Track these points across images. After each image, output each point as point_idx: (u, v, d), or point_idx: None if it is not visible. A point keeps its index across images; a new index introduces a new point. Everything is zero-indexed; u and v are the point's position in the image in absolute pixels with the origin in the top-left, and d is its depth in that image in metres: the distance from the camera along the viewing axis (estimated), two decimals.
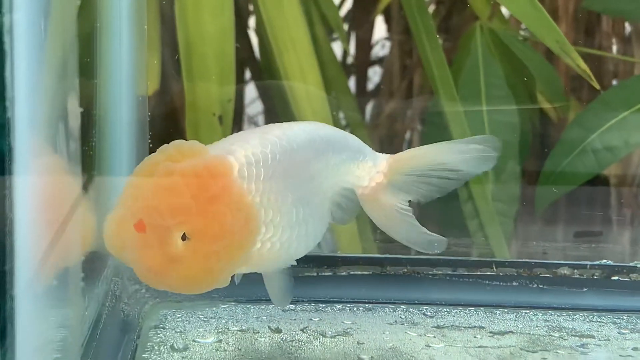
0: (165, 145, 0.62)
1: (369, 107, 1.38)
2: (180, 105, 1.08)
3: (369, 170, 0.69)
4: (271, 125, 0.68)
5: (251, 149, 0.63)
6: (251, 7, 1.22)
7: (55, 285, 0.56)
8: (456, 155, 0.69)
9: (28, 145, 0.48)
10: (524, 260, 0.81)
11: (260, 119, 1.37)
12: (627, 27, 1.18)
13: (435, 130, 1.16)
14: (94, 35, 0.78)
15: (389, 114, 1.35)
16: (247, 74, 1.28)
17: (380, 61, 1.40)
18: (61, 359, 0.58)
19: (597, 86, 1.03)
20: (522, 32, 1.15)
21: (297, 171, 0.66)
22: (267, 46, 1.08)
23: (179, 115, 1.08)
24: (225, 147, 0.63)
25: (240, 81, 1.25)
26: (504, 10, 1.12)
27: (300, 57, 1.07)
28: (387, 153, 0.73)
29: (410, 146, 1.31)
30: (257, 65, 1.25)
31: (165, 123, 1.08)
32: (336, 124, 1.14)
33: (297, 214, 0.65)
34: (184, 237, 0.59)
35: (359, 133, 1.20)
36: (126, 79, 0.83)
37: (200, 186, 0.60)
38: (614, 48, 1.18)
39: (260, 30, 1.17)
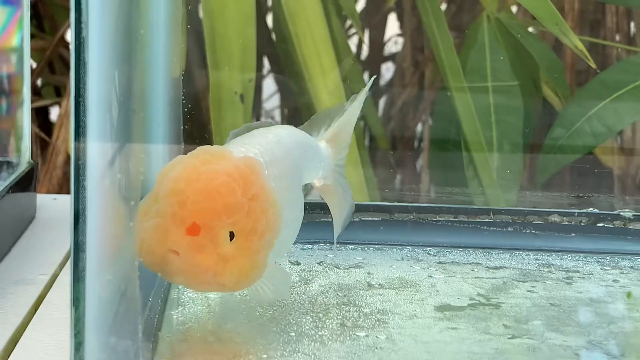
0: (195, 150, 0.64)
1: (382, 101, 1.47)
2: (204, 85, 1.17)
3: (325, 166, 0.77)
4: (259, 130, 0.72)
5: (261, 150, 0.67)
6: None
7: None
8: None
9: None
10: (518, 208, 0.90)
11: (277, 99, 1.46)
12: (631, 23, 1.27)
13: (444, 117, 1.24)
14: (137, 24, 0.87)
15: (401, 107, 1.44)
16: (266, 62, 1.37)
17: (392, 57, 1.49)
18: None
19: (594, 65, 1.12)
20: (530, 29, 1.23)
21: (292, 171, 0.71)
22: (285, 33, 1.17)
23: (203, 94, 1.18)
24: (239, 149, 0.66)
25: (260, 66, 1.35)
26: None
27: (317, 42, 1.16)
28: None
29: (422, 138, 1.40)
30: (275, 52, 1.34)
31: (191, 102, 1.16)
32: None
33: (292, 211, 0.69)
34: (231, 236, 0.61)
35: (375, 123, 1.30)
36: (163, 62, 0.91)
37: (245, 185, 0.62)
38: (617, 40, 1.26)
39: (278, 18, 1.27)
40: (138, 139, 0.66)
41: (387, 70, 1.52)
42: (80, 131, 0.51)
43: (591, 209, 0.89)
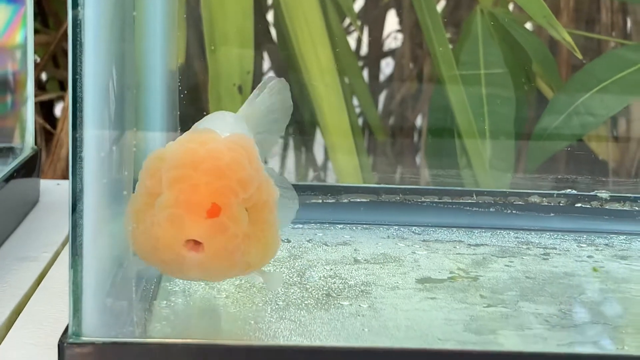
0: (182, 137, 0.62)
1: (382, 96, 1.51)
2: (203, 77, 1.21)
3: None
4: (212, 116, 0.71)
5: (231, 131, 0.65)
6: None
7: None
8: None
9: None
10: (500, 190, 0.94)
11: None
12: (625, 18, 1.30)
13: (440, 110, 1.28)
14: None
15: (400, 101, 1.48)
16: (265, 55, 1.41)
17: (392, 53, 1.53)
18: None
19: (580, 56, 1.16)
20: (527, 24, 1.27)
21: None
22: (283, 27, 1.21)
23: (202, 86, 1.22)
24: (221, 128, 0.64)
25: (258, 59, 1.39)
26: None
27: (313, 36, 1.19)
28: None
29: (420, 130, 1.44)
30: (274, 46, 1.38)
31: (190, 93, 1.20)
32: (350, 109, 1.27)
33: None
34: None
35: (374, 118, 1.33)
36: (160, 54, 0.94)
37: (249, 159, 0.60)
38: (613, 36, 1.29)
39: (277, 13, 1.31)
40: (135, 126, 0.70)
41: (387, 65, 1.56)
42: (77, 118, 0.56)
43: (570, 190, 0.93)
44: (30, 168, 0.97)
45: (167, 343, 0.59)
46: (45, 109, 1.53)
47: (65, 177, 1.37)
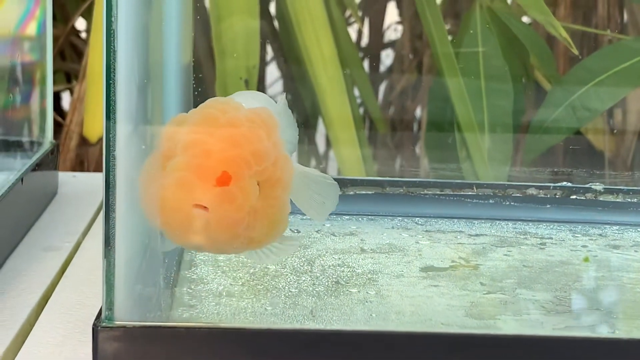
0: (211, 101, 0.62)
1: (382, 86, 1.55)
2: (210, 70, 1.25)
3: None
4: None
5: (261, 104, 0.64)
6: None
7: None
8: None
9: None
10: (498, 182, 0.98)
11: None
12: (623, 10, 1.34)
13: (438, 102, 1.32)
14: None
15: (400, 91, 1.52)
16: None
17: (392, 44, 1.57)
18: None
19: (576, 52, 1.20)
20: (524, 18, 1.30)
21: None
22: (287, 22, 1.25)
23: (209, 79, 1.26)
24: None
25: (263, 54, 1.43)
26: None
27: (317, 31, 1.23)
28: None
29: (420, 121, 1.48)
30: (278, 40, 1.42)
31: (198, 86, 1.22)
32: (352, 101, 1.31)
33: None
34: None
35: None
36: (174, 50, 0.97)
37: (268, 133, 0.60)
38: (609, 31, 1.33)
39: (281, 7, 1.35)
40: (157, 116, 0.74)
41: (387, 56, 1.60)
42: (110, 109, 0.60)
43: (565, 182, 0.98)
44: (49, 161, 1.01)
45: (193, 327, 0.63)
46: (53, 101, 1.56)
47: (76, 168, 1.42)
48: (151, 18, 0.74)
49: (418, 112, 1.49)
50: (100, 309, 0.63)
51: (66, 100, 1.65)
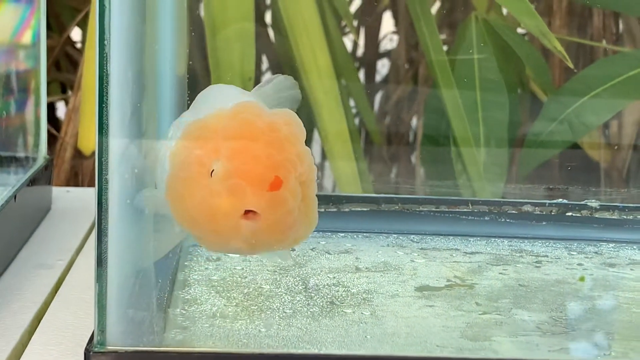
0: (235, 107, 0.61)
1: (378, 96, 1.54)
2: (205, 83, 1.25)
3: None
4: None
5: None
6: (269, 0, 1.39)
7: None
8: None
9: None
10: (494, 199, 0.98)
11: None
12: (619, 21, 1.34)
13: (434, 113, 1.32)
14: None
15: (396, 101, 1.52)
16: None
17: (388, 54, 1.57)
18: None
19: (571, 65, 1.20)
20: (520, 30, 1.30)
21: None
22: (282, 34, 1.25)
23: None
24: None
25: (259, 65, 1.42)
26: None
27: (312, 42, 1.23)
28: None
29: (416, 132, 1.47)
30: (274, 52, 1.41)
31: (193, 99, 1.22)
32: (349, 115, 1.31)
33: None
34: None
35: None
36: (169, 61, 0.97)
37: (301, 134, 0.61)
38: (604, 42, 1.33)
39: (276, 19, 1.34)
40: (151, 134, 0.74)
41: (383, 66, 1.60)
42: (103, 130, 0.60)
43: (561, 199, 0.97)
44: (43, 177, 1.00)
45: (186, 351, 0.63)
46: (47, 112, 1.56)
47: (70, 181, 1.41)
48: (145, 30, 0.73)
49: (414, 122, 1.49)
50: (93, 333, 0.63)
51: (62, 110, 1.65)
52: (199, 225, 0.60)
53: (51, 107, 1.60)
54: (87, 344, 0.62)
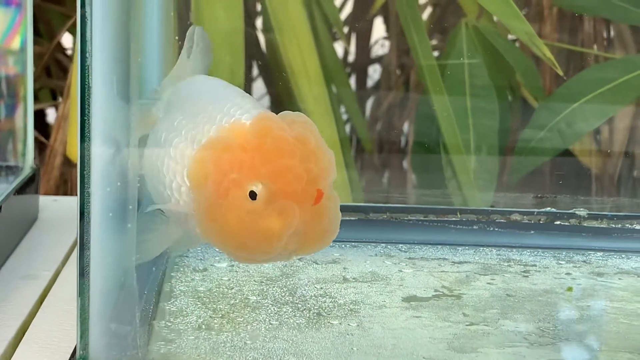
0: (259, 120, 0.61)
1: (369, 102, 1.54)
2: None
3: None
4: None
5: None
6: (259, 8, 1.39)
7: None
8: None
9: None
10: (482, 208, 0.98)
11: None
12: (610, 27, 1.34)
13: (425, 119, 1.32)
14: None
15: (387, 107, 1.52)
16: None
17: (379, 59, 1.56)
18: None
19: (561, 72, 1.20)
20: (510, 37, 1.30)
21: None
22: (272, 41, 1.24)
23: None
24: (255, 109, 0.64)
25: (249, 72, 1.42)
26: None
27: (302, 49, 1.23)
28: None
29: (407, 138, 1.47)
30: (264, 59, 1.41)
31: None
32: (337, 116, 1.30)
33: None
34: None
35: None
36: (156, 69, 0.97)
37: (321, 138, 0.62)
38: (595, 47, 1.33)
39: (267, 27, 1.34)
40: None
41: (374, 72, 1.59)
42: (84, 143, 0.59)
43: (549, 208, 0.97)
44: (30, 187, 1.00)
45: None
46: (37, 119, 1.55)
47: (60, 188, 1.40)
48: (131, 37, 0.73)
49: (405, 128, 1.49)
50: (75, 348, 0.62)
51: (52, 117, 1.64)
52: (248, 249, 0.61)
53: (41, 114, 1.59)
54: (70, 358, 0.62)
